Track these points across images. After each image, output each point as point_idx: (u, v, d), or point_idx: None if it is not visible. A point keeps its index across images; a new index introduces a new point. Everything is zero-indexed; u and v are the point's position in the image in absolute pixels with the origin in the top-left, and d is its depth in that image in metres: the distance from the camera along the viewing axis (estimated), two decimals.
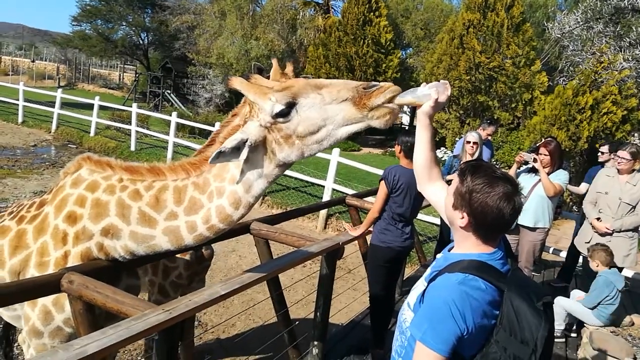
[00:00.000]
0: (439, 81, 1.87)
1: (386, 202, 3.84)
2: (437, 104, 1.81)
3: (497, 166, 1.70)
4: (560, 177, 4.83)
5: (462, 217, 1.60)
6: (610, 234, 4.85)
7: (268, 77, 3.02)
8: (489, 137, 6.56)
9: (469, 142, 5.42)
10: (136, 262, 2.46)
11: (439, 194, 1.87)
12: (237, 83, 1.99)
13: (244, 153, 1.97)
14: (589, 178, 5.87)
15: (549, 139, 5.20)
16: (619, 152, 4.83)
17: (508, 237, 1.74)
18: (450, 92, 1.87)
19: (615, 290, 4.24)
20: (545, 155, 4.82)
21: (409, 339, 1.62)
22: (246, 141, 1.97)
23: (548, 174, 4.80)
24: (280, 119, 1.94)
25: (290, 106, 1.92)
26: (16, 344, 3.89)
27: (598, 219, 4.95)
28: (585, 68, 13.46)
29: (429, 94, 1.81)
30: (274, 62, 3.01)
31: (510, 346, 1.47)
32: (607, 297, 4.26)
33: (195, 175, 2.18)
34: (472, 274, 1.53)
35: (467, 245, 1.65)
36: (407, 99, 1.87)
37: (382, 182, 3.81)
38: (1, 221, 2.72)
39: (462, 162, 5.47)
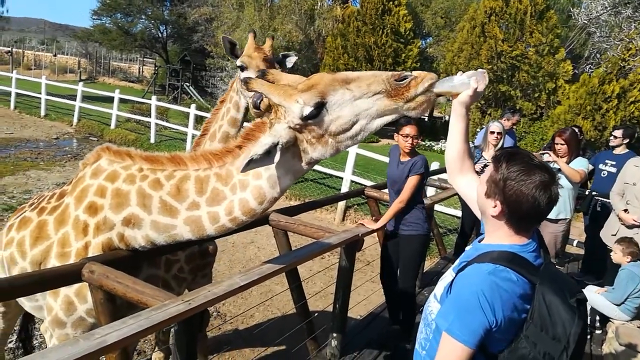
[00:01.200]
0: (476, 70, 1.81)
1: (417, 191, 3.79)
2: (476, 94, 1.75)
3: None
4: (580, 165, 4.74)
5: (495, 206, 1.54)
6: (639, 226, 4.71)
7: (242, 51, 2.97)
8: (513, 127, 6.43)
9: (492, 133, 5.31)
10: (155, 252, 2.46)
11: (470, 186, 1.81)
12: (257, 85, 1.91)
13: (277, 157, 1.90)
14: (597, 162, 5.85)
15: (564, 128, 5.10)
16: None
17: None
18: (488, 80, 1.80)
19: None
20: (561, 144, 4.72)
21: (434, 331, 1.58)
22: (277, 144, 1.89)
23: (567, 163, 4.71)
24: (311, 120, 1.86)
25: (320, 106, 1.84)
26: (39, 333, 3.95)
27: (626, 210, 4.81)
28: (613, 55, 13.09)
29: (467, 82, 1.75)
30: (250, 36, 2.97)
31: (540, 342, 1.41)
32: (633, 290, 4.14)
33: (218, 166, 2.13)
34: (503, 265, 1.47)
35: (498, 236, 1.58)
36: (444, 88, 1.80)
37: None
38: (22, 213, 2.75)
39: (484, 153, 5.37)
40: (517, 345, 1.44)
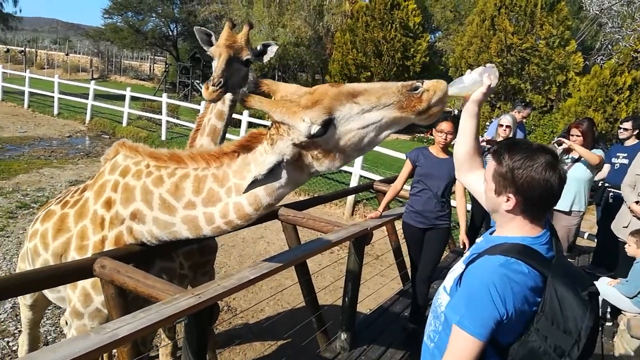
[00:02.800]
0: (484, 66, 1.79)
1: None
2: (489, 90, 1.75)
3: None
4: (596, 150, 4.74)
5: (508, 200, 1.52)
6: None
7: (216, 39, 2.91)
8: (524, 120, 6.38)
9: (501, 126, 5.28)
10: (166, 246, 2.50)
11: (480, 182, 1.79)
12: (256, 103, 1.78)
13: (284, 175, 1.89)
14: (609, 157, 5.76)
15: (580, 119, 5.05)
16: None
17: None
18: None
19: None
20: (577, 136, 4.69)
21: (443, 324, 1.58)
22: (282, 162, 1.86)
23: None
24: (317, 138, 1.79)
25: (327, 123, 1.76)
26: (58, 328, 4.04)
27: (637, 202, 4.76)
28: (625, 46, 12.89)
29: (479, 80, 1.74)
30: (226, 25, 2.91)
31: (551, 335, 1.40)
32: None
33: (215, 167, 2.12)
34: (515, 257, 1.46)
35: (510, 228, 1.57)
36: (455, 91, 1.78)
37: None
38: (49, 206, 2.86)
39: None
40: (528, 339, 1.43)
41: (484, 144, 4.85)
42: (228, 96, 2.91)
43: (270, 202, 2.04)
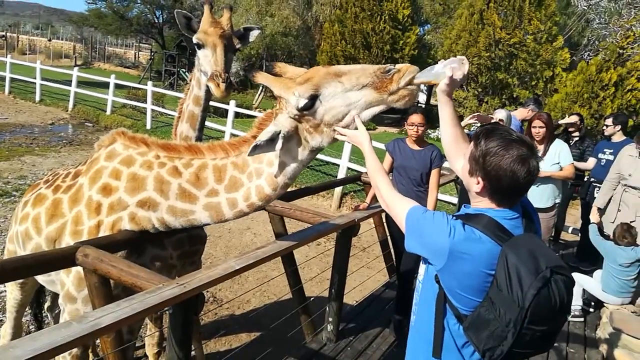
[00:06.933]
0: (456, 57, 1.83)
1: None
2: (453, 82, 1.79)
3: None
4: (564, 153, 4.49)
5: (478, 183, 1.59)
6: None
7: (199, 26, 2.87)
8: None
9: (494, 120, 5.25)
10: (162, 234, 2.49)
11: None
12: (261, 78, 2.06)
13: (279, 144, 2.05)
14: (597, 152, 5.84)
15: (540, 113, 4.89)
16: None
17: None
18: (469, 68, 1.84)
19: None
20: (540, 127, 4.45)
21: (421, 287, 1.71)
22: (279, 133, 2.04)
23: (545, 148, 4.49)
24: (306, 111, 2.00)
25: (314, 98, 1.97)
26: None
27: (599, 208, 4.93)
28: (612, 42, 13.03)
29: (444, 72, 1.79)
30: (206, 8, 2.87)
31: (498, 300, 1.44)
32: (618, 271, 4.22)
33: (235, 156, 2.29)
34: (470, 225, 1.53)
35: (477, 204, 1.65)
36: (423, 78, 1.88)
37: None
38: (38, 189, 2.84)
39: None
40: (480, 310, 1.50)
41: (472, 120, 4.74)
42: (203, 80, 2.84)
43: (286, 182, 2.22)
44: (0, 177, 9.00)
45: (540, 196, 4.47)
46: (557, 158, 4.49)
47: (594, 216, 4.91)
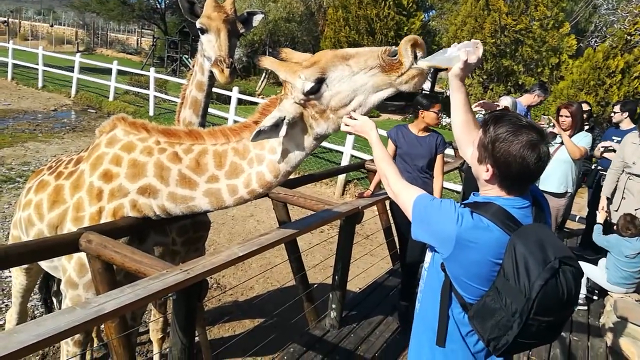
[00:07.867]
0: (469, 40, 1.78)
1: None
2: (467, 66, 1.74)
3: None
4: (583, 140, 4.68)
5: (487, 170, 1.56)
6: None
7: (202, 10, 2.83)
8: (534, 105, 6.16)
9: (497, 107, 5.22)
10: (165, 220, 2.48)
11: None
12: (267, 62, 2.02)
13: (283, 130, 2.00)
14: (605, 140, 5.78)
15: (570, 101, 5.01)
16: None
17: None
18: (482, 52, 1.78)
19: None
20: (567, 116, 4.64)
21: (426, 275, 1.69)
22: (284, 119, 2.00)
23: (570, 136, 4.64)
24: (312, 96, 1.95)
25: (320, 82, 1.92)
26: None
27: (608, 198, 4.92)
28: (619, 28, 12.86)
29: (458, 55, 1.74)
30: None
31: (504, 290, 1.42)
32: (620, 259, 4.21)
33: (235, 141, 2.24)
34: (478, 213, 1.51)
35: (486, 192, 1.62)
36: (436, 61, 1.82)
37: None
38: (41, 176, 2.84)
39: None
40: (486, 296, 1.48)
41: (477, 108, 4.77)
42: (206, 66, 2.81)
43: (288, 169, 2.18)
44: (3, 163, 9.01)
45: (551, 179, 4.53)
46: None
47: (601, 212, 4.86)
